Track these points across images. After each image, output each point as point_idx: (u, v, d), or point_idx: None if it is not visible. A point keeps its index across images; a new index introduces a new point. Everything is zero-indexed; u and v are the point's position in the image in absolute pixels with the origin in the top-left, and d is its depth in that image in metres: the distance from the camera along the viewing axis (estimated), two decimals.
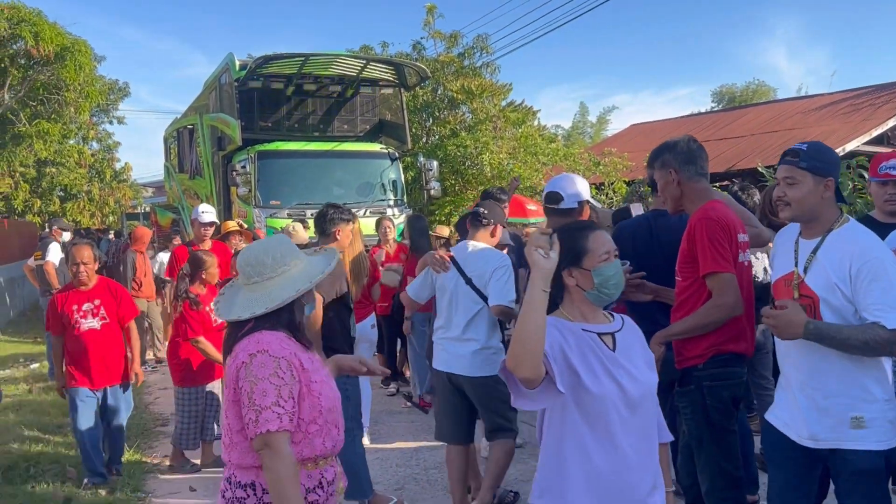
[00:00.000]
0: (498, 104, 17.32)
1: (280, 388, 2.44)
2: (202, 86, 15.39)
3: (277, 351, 2.49)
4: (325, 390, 2.58)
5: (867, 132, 16.11)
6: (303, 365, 2.54)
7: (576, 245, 2.57)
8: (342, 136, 13.53)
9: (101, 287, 5.82)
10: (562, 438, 2.46)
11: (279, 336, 2.56)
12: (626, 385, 2.45)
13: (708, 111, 32.71)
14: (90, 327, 5.67)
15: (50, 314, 5.80)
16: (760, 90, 42.50)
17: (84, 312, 5.67)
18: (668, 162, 3.67)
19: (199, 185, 15.08)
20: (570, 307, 2.59)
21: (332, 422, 2.59)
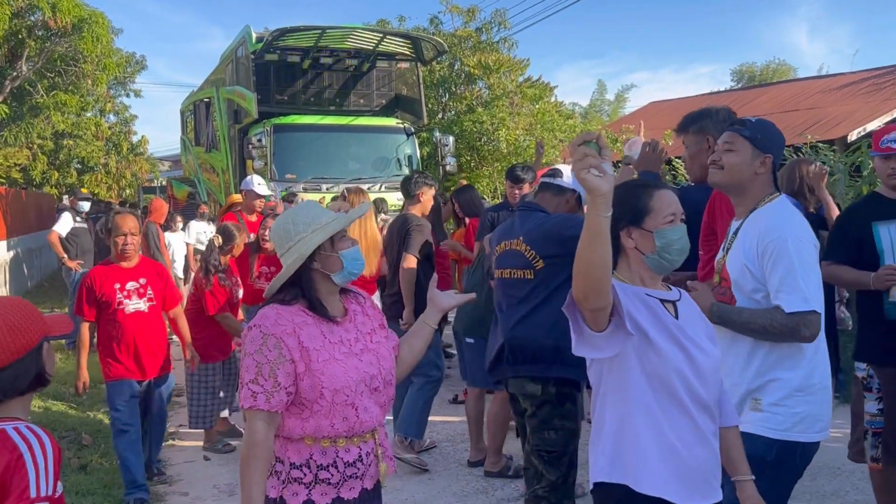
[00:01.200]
0: (515, 80, 17.19)
1: (261, 366, 2.31)
2: (219, 59, 15.38)
3: (269, 327, 2.35)
4: (334, 370, 2.36)
5: (888, 112, 15.86)
6: (301, 343, 2.35)
7: (638, 202, 2.36)
8: (358, 110, 13.49)
9: (146, 265, 5.13)
10: (629, 407, 2.27)
11: (287, 310, 2.40)
12: (695, 354, 2.28)
13: (727, 90, 32.37)
14: (137, 309, 4.93)
15: (82, 294, 4.94)
16: (781, 69, 42.01)
17: (128, 292, 4.93)
18: (707, 128, 3.54)
19: (215, 158, 15.10)
20: (626, 271, 2.39)
21: (343, 402, 2.37)
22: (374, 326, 2.59)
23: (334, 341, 2.43)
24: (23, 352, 1.99)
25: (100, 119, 24.27)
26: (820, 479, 5.05)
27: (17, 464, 1.87)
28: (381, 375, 2.49)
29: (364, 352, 2.48)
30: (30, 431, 1.96)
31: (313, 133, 12.35)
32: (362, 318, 2.58)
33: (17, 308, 2.03)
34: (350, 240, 2.52)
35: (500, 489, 5.07)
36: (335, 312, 2.50)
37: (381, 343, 2.57)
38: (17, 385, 2.00)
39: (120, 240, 4.90)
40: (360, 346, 2.48)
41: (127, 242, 4.91)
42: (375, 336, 2.57)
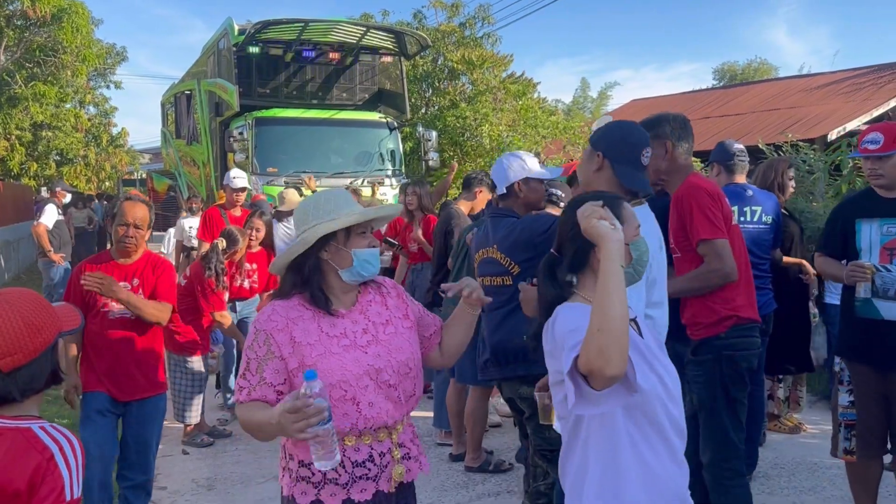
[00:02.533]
0: (499, 75, 17.18)
1: (249, 362, 2.29)
2: (200, 51, 15.27)
3: (261, 322, 2.31)
4: (329, 364, 2.25)
5: (868, 112, 15.99)
6: (293, 338, 2.27)
7: (614, 213, 2.18)
8: (340, 104, 13.44)
9: (146, 264, 4.22)
10: (614, 447, 2.12)
11: (283, 305, 2.33)
12: (663, 374, 2.20)
13: (709, 88, 32.53)
14: (120, 314, 4.10)
15: (71, 288, 4.22)
16: (762, 68, 42.21)
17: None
18: (665, 134, 3.60)
19: (196, 151, 15.00)
20: (592, 289, 2.14)
21: (342, 398, 2.25)
22: (391, 317, 2.45)
23: (334, 335, 2.32)
24: (40, 350, 1.94)
25: (79, 110, 24.09)
26: (798, 475, 5.08)
27: (49, 465, 1.82)
28: (393, 368, 2.35)
29: (371, 344, 2.36)
30: (57, 431, 1.91)
31: (295, 127, 12.29)
32: (378, 309, 2.45)
33: (34, 305, 1.97)
34: (370, 239, 2.40)
35: (479, 484, 5.07)
36: (342, 305, 2.39)
37: (396, 334, 2.42)
38: (35, 384, 1.95)
39: (121, 230, 4.12)
40: (367, 339, 2.36)
41: (128, 234, 4.12)
42: (390, 327, 2.43)
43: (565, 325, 2.08)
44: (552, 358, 2.15)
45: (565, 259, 2.24)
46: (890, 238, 3.80)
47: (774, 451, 5.48)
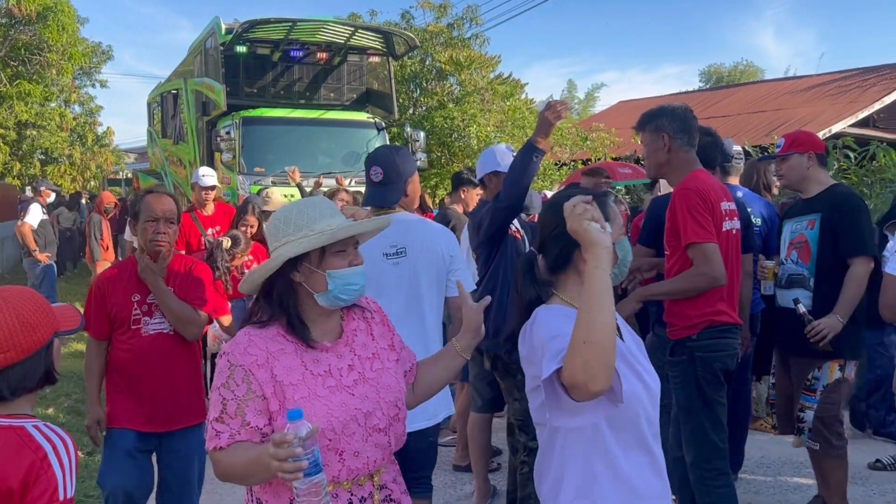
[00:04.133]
0: (486, 76, 17.18)
1: (226, 403, 1.95)
2: (187, 50, 15.19)
3: (237, 356, 1.98)
4: (314, 409, 1.96)
5: (854, 114, 16.14)
6: (275, 376, 1.97)
7: (602, 212, 2.08)
8: (328, 104, 13.37)
9: (179, 266, 3.60)
10: (591, 458, 2.02)
11: (261, 335, 2.03)
12: (647, 379, 2.11)
13: (696, 90, 32.66)
14: (158, 331, 3.49)
15: (90, 305, 3.55)
16: (748, 71, 42.48)
17: (150, 306, 3.49)
18: (663, 126, 3.62)
19: (182, 150, 14.90)
20: (573, 291, 2.11)
21: (325, 448, 1.95)
22: (377, 349, 2.17)
23: (318, 373, 2.03)
24: (34, 349, 1.91)
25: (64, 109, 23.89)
26: (784, 474, 5.11)
27: (43, 464, 1.81)
28: (382, 410, 2.06)
29: (358, 383, 2.06)
30: (50, 430, 1.89)
31: (283, 126, 12.22)
32: (364, 340, 2.16)
33: (30, 302, 1.94)
34: (351, 256, 2.09)
35: (468, 483, 5.06)
36: (324, 336, 2.10)
37: (384, 371, 2.14)
38: (26, 383, 1.92)
39: (149, 227, 3.45)
40: (353, 377, 2.07)
41: (159, 230, 3.45)
42: (377, 362, 2.14)
43: (545, 330, 1.98)
44: (529, 363, 2.07)
45: (547, 258, 2.16)
46: (795, 235, 4.22)
47: (760, 451, 5.51)
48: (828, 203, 4.08)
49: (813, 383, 4.08)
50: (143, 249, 3.50)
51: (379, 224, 2.20)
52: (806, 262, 4.13)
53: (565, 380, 1.81)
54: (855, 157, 9.56)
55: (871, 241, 4.01)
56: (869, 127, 16.52)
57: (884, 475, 5.05)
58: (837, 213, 4.02)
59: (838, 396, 4.07)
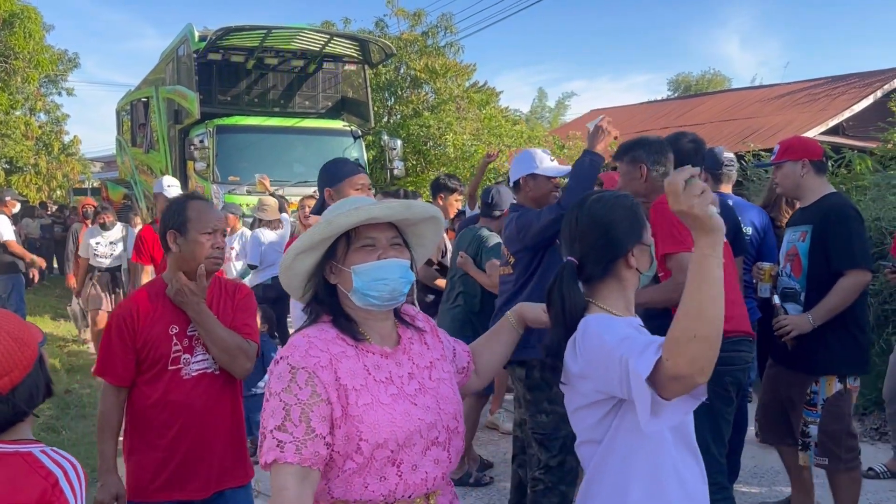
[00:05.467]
0: (462, 84, 17.16)
1: (289, 408, 1.76)
2: (157, 58, 15.03)
3: (297, 358, 1.81)
4: (378, 417, 1.81)
5: (824, 122, 16.30)
6: (339, 379, 1.82)
7: (640, 214, 2.09)
8: (303, 112, 13.31)
9: (220, 290, 2.98)
10: (658, 467, 1.98)
11: (320, 336, 1.88)
12: None
13: (664, 99, 32.95)
14: (201, 370, 2.82)
15: (110, 340, 2.80)
16: (716, 79, 42.92)
17: (191, 340, 2.82)
18: (640, 157, 3.65)
19: (153, 159, 14.72)
20: (614, 298, 2.06)
21: (385, 459, 1.81)
22: (434, 358, 2.04)
23: (380, 379, 1.88)
24: (31, 364, 1.83)
25: (30, 118, 23.49)
26: (779, 483, 5.07)
27: (55, 491, 1.71)
28: (443, 423, 1.92)
29: (419, 393, 1.92)
30: (59, 455, 1.80)
31: (257, 134, 12.12)
32: (419, 349, 2.02)
33: (11, 318, 1.86)
34: (381, 250, 1.91)
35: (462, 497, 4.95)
36: (382, 341, 1.96)
37: (442, 381, 2.00)
38: (34, 401, 1.84)
39: (207, 239, 2.83)
40: (414, 386, 1.93)
41: (217, 244, 2.86)
42: (435, 371, 2.01)
43: (610, 336, 1.89)
44: (583, 378, 1.97)
45: (588, 267, 2.08)
46: (790, 246, 4.15)
47: (753, 460, 5.47)
48: (818, 214, 3.97)
49: (812, 398, 4.00)
50: (178, 267, 2.82)
51: (392, 209, 1.92)
52: (798, 275, 4.03)
53: (668, 373, 1.71)
54: (832, 164, 9.63)
55: (862, 253, 3.89)
56: (839, 135, 16.68)
57: (878, 483, 5.03)
58: (827, 224, 3.90)
59: (843, 410, 3.95)
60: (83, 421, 6.58)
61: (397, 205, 1.93)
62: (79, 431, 6.30)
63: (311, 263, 1.96)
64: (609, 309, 2.05)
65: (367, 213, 1.88)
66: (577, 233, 2.12)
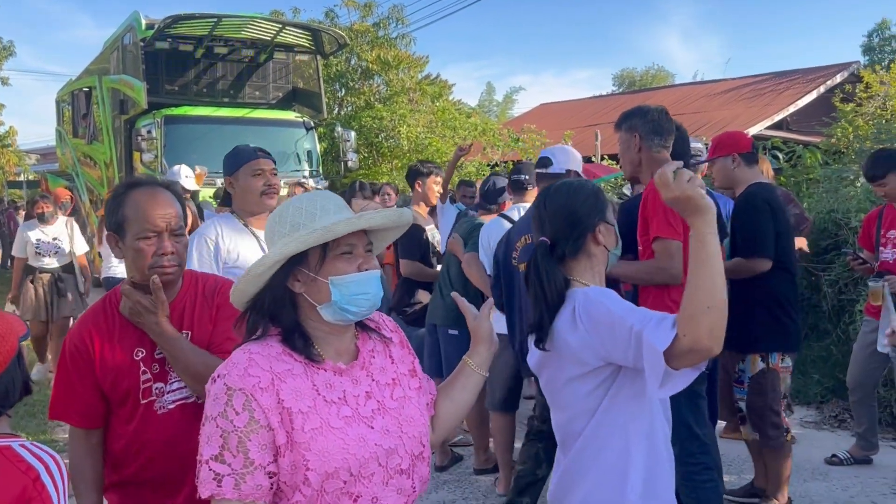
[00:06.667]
0: (414, 76, 17.05)
1: (227, 436, 1.58)
2: (100, 47, 14.60)
3: (235, 379, 1.62)
4: (327, 444, 1.63)
5: (770, 117, 16.67)
6: (281, 402, 1.63)
7: (601, 195, 2.26)
8: (253, 102, 13.10)
9: (193, 294, 2.35)
10: (653, 431, 2.11)
11: (262, 353, 1.68)
12: None
13: (611, 93, 33.29)
14: (179, 400, 2.27)
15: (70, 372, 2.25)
16: (659, 75, 43.66)
17: (161, 364, 2.24)
18: (635, 127, 3.66)
19: (97, 150, 14.31)
20: (588, 275, 2.19)
21: (338, 492, 1.64)
22: (398, 374, 1.85)
23: (332, 400, 1.69)
24: (9, 360, 1.73)
25: None
26: (746, 472, 5.10)
27: (36, 485, 1.64)
28: (406, 447, 1.74)
29: (377, 414, 1.73)
30: (39, 449, 1.72)
31: (207, 125, 11.84)
32: (382, 363, 1.83)
33: None
34: (361, 260, 1.74)
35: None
36: (337, 356, 1.77)
37: (406, 400, 1.81)
38: (11, 398, 1.76)
39: (146, 246, 2.18)
40: (371, 406, 1.74)
41: (164, 251, 2.19)
42: (398, 389, 1.82)
43: (616, 306, 1.99)
44: (586, 347, 2.02)
45: (562, 246, 2.19)
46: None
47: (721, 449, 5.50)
48: (737, 205, 4.20)
49: (740, 375, 4.24)
50: (130, 277, 2.24)
51: (389, 217, 1.79)
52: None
53: (685, 346, 1.79)
54: (783, 158, 9.80)
55: (763, 242, 4.05)
56: (783, 129, 17.07)
57: (843, 470, 5.10)
58: (737, 213, 4.15)
59: (764, 387, 4.13)
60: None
61: (393, 214, 1.81)
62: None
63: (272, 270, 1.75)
64: (583, 282, 2.17)
65: (366, 222, 1.73)
66: (546, 215, 2.24)
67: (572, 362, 2.08)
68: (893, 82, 12.07)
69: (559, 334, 2.10)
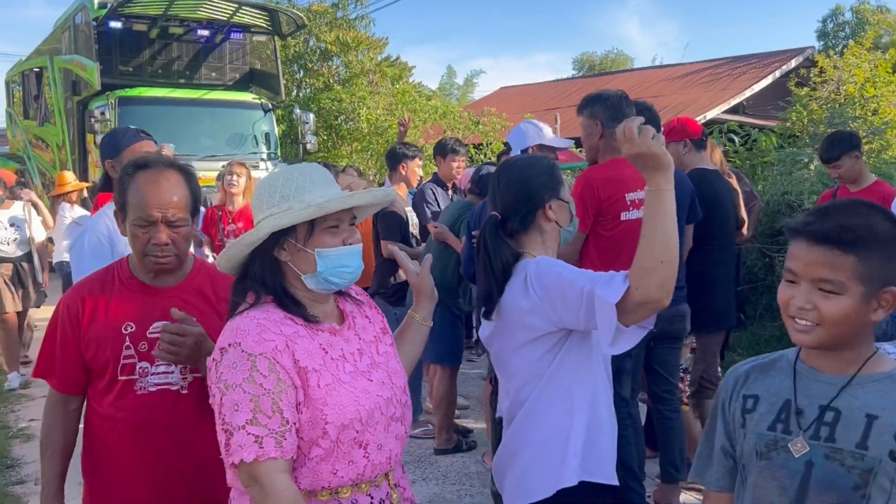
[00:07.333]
0: (374, 58, 16.87)
1: (258, 399, 1.66)
2: (52, 26, 14.24)
3: (252, 345, 1.70)
4: (341, 398, 1.76)
5: (726, 101, 16.84)
6: (297, 362, 1.73)
7: (558, 173, 2.28)
8: (210, 83, 12.92)
9: (198, 281, 2.28)
10: (595, 394, 2.16)
11: (268, 318, 1.77)
12: None
13: (571, 77, 33.38)
14: (162, 385, 2.15)
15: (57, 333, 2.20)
16: (619, 59, 43.91)
17: (152, 345, 2.12)
18: (597, 113, 3.66)
19: (48, 132, 14.03)
20: (539, 250, 2.22)
21: (352, 441, 1.76)
22: (376, 332, 1.99)
23: (336, 357, 1.82)
24: None
25: None
26: None
27: None
28: (397, 397, 1.90)
29: (372, 368, 1.88)
30: None
31: (162, 107, 11.69)
32: (363, 323, 1.97)
33: None
34: (345, 234, 1.85)
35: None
36: (326, 318, 1.89)
37: (389, 354, 1.97)
38: None
39: (142, 234, 2.13)
40: (366, 362, 1.88)
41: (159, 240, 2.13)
42: (381, 345, 1.97)
43: (566, 270, 2.05)
44: (535, 313, 2.08)
45: (513, 221, 2.22)
46: None
47: None
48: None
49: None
50: (141, 262, 2.18)
51: (377, 196, 1.94)
52: None
53: (637, 299, 1.84)
54: (739, 140, 9.92)
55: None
56: (739, 113, 17.26)
57: None
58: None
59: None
60: None
61: (381, 193, 1.97)
62: None
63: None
64: (534, 255, 2.19)
65: (357, 201, 1.86)
66: (499, 190, 2.27)
67: (522, 329, 2.12)
68: (847, 67, 12.23)
69: (510, 302, 2.14)
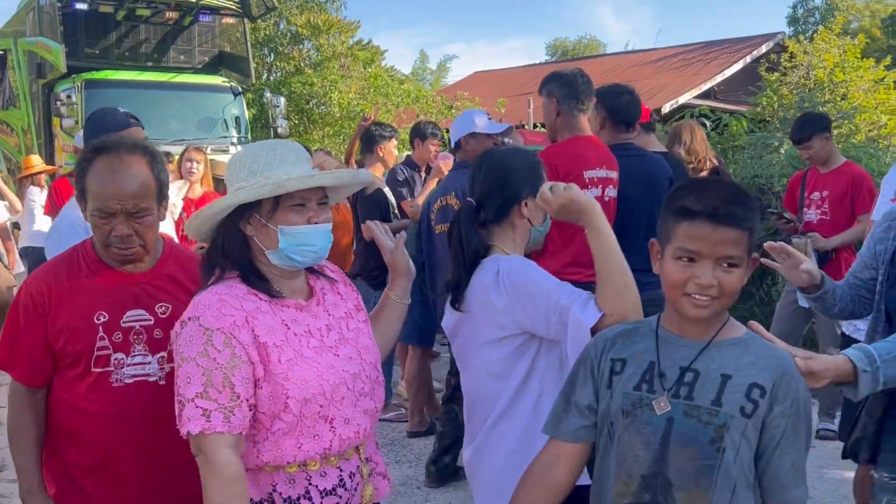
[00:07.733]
0: (346, 42, 16.75)
1: (210, 373, 1.68)
2: (16, 8, 13.96)
3: (211, 320, 1.71)
4: (303, 372, 1.78)
5: (698, 86, 16.88)
6: (257, 337, 1.75)
7: (538, 171, 2.24)
8: (178, 66, 12.72)
9: (170, 264, 2.17)
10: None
11: (231, 293, 1.78)
12: None
13: (544, 62, 33.37)
14: (139, 376, 2.05)
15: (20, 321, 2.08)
16: (592, 45, 43.96)
17: (126, 332, 2.05)
18: (553, 92, 3.70)
19: (13, 116, 13.78)
20: (509, 245, 2.19)
21: (315, 415, 1.78)
22: (348, 309, 2.01)
23: (300, 332, 1.84)
24: None
25: None
26: None
27: None
28: (366, 373, 1.92)
29: (340, 344, 1.90)
30: None
31: (130, 90, 11.43)
32: (333, 299, 1.99)
33: None
34: (311, 213, 1.84)
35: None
36: (293, 294, 1.90)
37: (360, 330, 1.99)
38: None
39: (103, 224, 2.03)
40: (334, 337, 1.90)
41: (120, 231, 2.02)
42: (353, 321, 1.99)
43: (542, 276, 2.05)
44: (505, 312, 2.04)
45: (487, 211, 2.19)
46: None
47: None
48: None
49: None
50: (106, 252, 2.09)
51: (341, 178, 1.95)
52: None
53: (611, 323, 1.89)
54: (711, 124, 9.98)
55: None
56: (711, 98, 17.33)
57: None
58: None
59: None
60: None
61: (347, 175, 1.98)
62: None
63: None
64: (505, 250, 2.18)
65: (317, 182, 1.86)
66: (479, 178, 2.25)
67: (489, 325, 2.09)
68: (816, 53, 12.34)
69: (481, 294, 2.11)
